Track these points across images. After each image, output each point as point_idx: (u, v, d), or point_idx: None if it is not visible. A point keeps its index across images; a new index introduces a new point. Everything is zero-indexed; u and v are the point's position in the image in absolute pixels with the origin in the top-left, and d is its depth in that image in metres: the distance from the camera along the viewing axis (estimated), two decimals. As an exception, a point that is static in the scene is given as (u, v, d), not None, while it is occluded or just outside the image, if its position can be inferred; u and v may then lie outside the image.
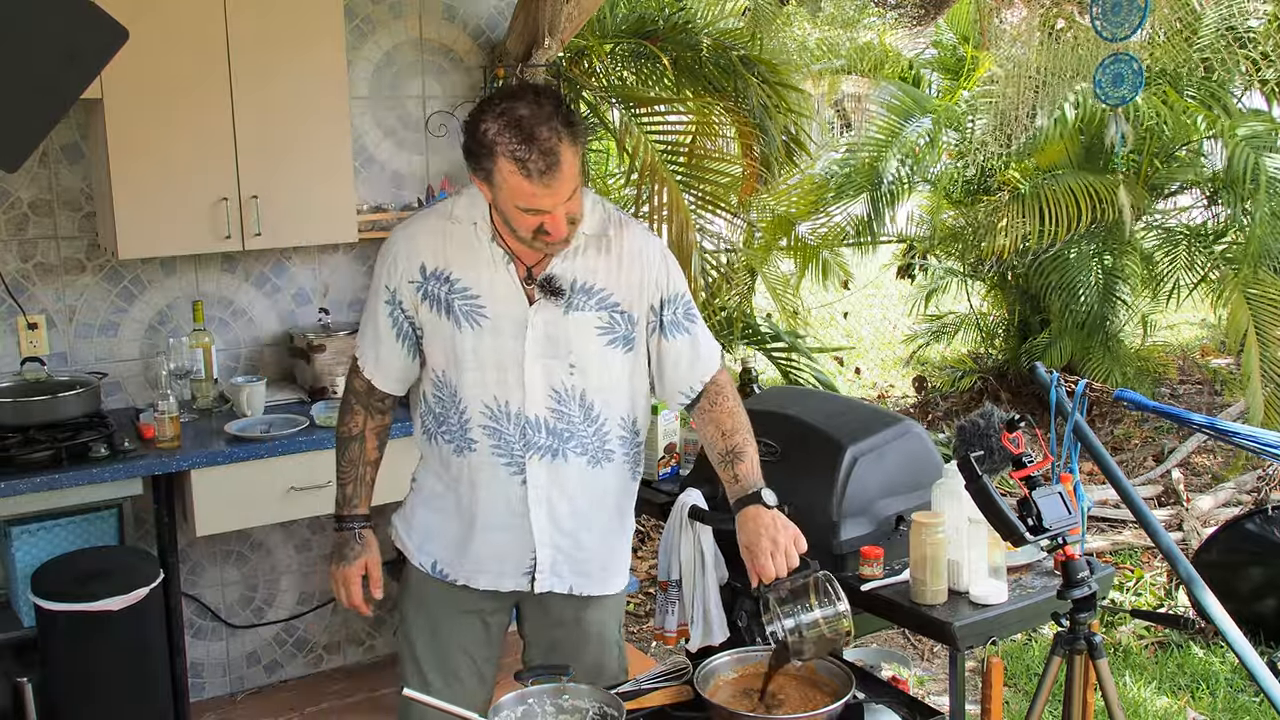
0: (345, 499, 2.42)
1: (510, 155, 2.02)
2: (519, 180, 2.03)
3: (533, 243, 2.13)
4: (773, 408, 2.82)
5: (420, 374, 2.36)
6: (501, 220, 2.15)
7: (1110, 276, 6.81)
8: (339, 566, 2.40)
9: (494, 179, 2.06)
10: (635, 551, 5.40)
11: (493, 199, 2.12)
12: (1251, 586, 4.29)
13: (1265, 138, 6.22)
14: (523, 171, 2.02)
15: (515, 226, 2.11)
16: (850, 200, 7.20)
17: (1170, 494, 5.70)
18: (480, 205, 2.21)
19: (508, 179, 2.04)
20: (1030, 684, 4.09)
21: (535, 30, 4.08)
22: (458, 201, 2.26)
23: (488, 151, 2.04)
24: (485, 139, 2.04)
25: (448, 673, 2.44)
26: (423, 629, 2.45)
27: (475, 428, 2.27)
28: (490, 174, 2.06)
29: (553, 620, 2.46)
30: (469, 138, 2.08)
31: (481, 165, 2.07)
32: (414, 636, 2.45)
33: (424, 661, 2.44)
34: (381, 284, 2.29)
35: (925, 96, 7.72)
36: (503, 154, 2.03)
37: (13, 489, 3.11)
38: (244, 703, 3.98)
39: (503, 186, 2.06)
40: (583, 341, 2.24)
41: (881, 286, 10.79)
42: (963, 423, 2.63)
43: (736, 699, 2.11)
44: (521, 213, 2.08)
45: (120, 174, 3.35)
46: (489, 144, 2.04)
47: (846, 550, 2.49)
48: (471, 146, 2.07)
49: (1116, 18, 3.22)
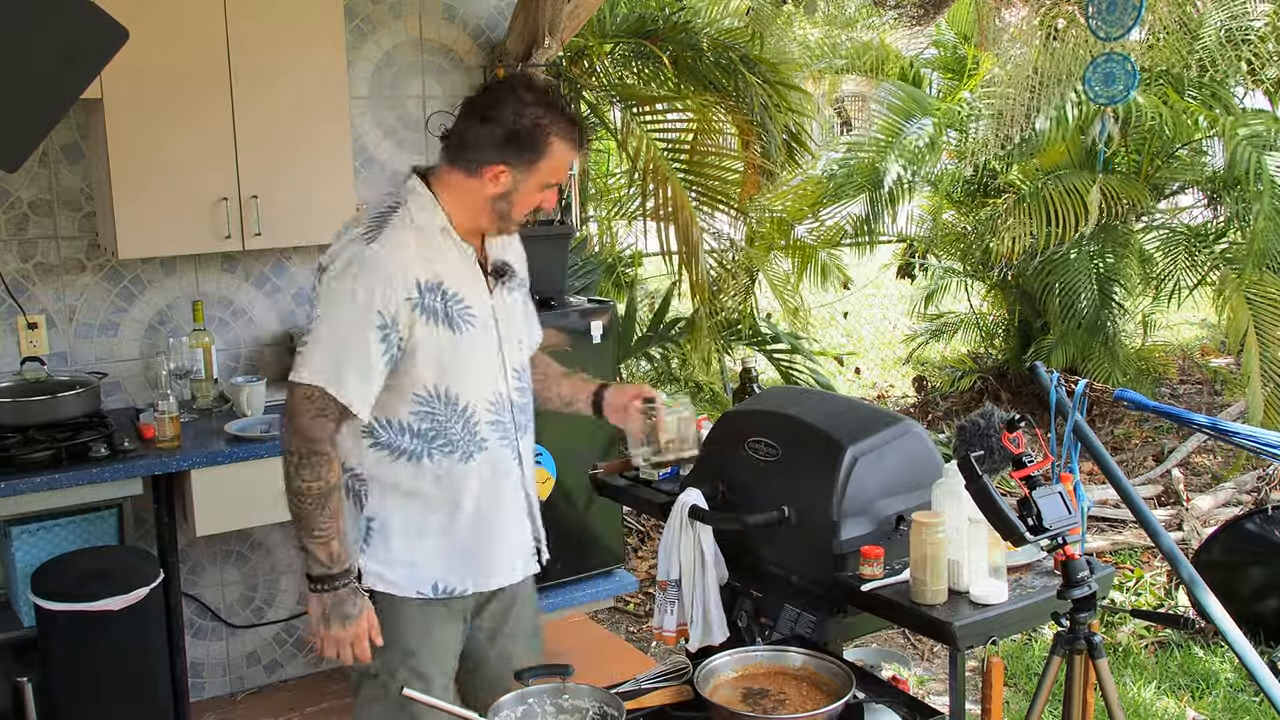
0: (333, 556, 2.18)
1: (562, 134, 2.21)
2: (567, 156, 2.25)
3: (514, 223, 2.30)
4: (773, 408, 2.82)
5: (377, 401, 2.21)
6: (500, 210, 2.25)
7: (1109, 277, 6.81)
8: (345, 627, 2.19)
9: (537, 164, 2.21)
10: (635, 551, 5.40)
11: (511, 187, 2.22)
12: (1252, 586, 4.29)
13: (1266, 137, 6.22)
14: (572, 144, 2.24)
15: (522, 207, 2.26)
16: (850, 200, 7.20)
17: (1170, 494, 5.70)
18: (434, 208, 2.24)
19: (557, 158, 2.22)
20: (1030, 684, 4.09)
21: (535, 30, 4.08)
22: (409, 211, 2.21)
23: (540, 134, 2.19)
24: (538, 124, 2.18)
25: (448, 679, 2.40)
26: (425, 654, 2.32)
27: (484, 425, 2.28)
28: (536, 160, 2.20)
29: (524, 598, 2.51)
30: (513, 130, 2.18)
31: (532, 152, 2.19)
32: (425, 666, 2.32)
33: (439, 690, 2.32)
34: (373, 310, 2.12)
35: (926, 96, 7.72)
36: (556, 134, 2.20)
37: (13, 489, 3.11)
38: (244, 703, 3.98)
39: (545, 168, 2.22)
40: (519, 319, 2.42)
41: (881, 286, 10.79)
42: (963, 423, 2.62)
43: (737, 698, 2.11)
44: (542, 189, 2.25)
45: (120, 174, 3.35)
46: (543, 127, 2.19)
47: (846, 550, 2.49)
48: (516, 138, 2.18)
49: (1112, 17, 3.22)
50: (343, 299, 2.12)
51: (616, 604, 4.78)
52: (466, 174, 2.22)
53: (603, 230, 6.41)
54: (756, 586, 2.66)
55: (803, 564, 2.60)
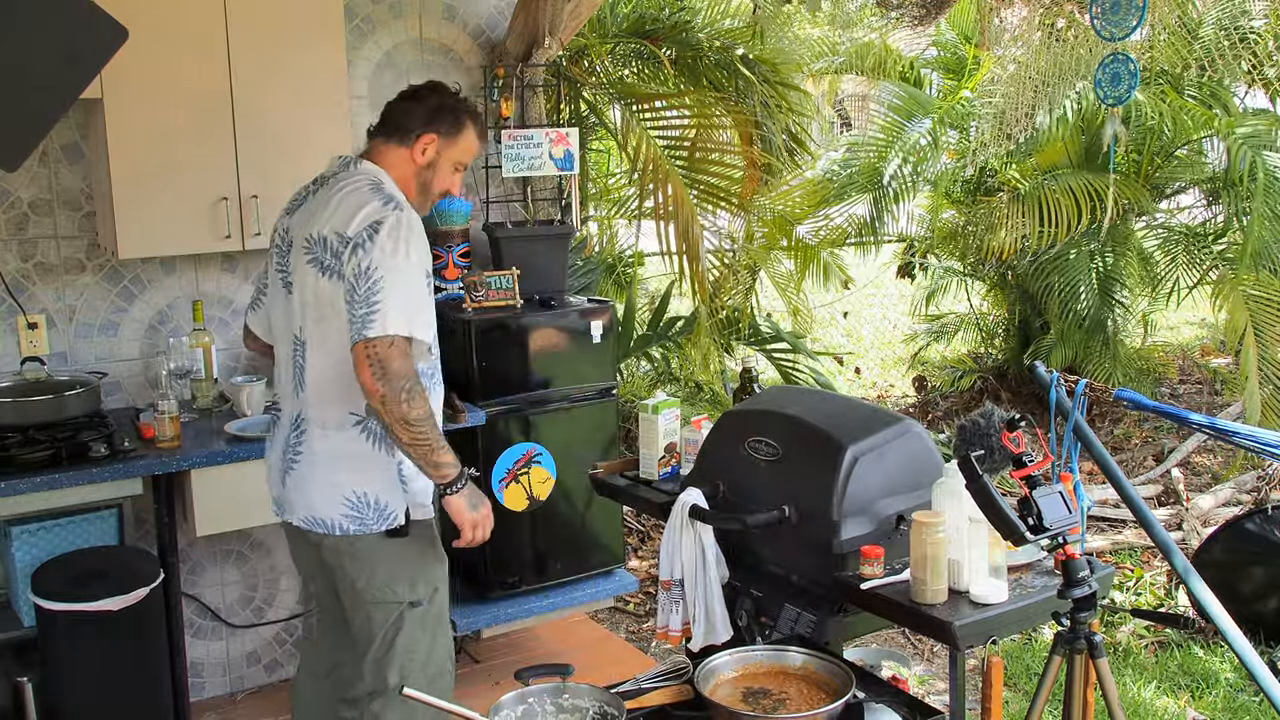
0: (453, 458, 2.51)
1: (474, 123, 2.70)
2: (475, 141, 2.70)
3: (433, 198, 2.71)
4: (773, 408, 2.82)
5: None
6: (423, 180, 2.66)
7: (1109, 277, 6.81)
8: (481, 506, 2.57)
9: (457, 138, 2.66)
10: (635, 551, 5.40)
11: (436, 158, 2.64)
12: (1252, 586, 4.29)
13: (1265, 136, 6.22)
14: (479, 132, 2.72)
15: (439, 184, 2.68)
16: (852, 201, 7.20)
17: (1170, 494, 5.70)
18: (397, 189, 2.60)
19: (469, 139, 2.68)
20: (1030, 684, 4.09)
21: (535, 30, 4.08)
22: (386, 185, 2.58)
23: (460, 113, 2.66)
24: (458, 104, 2.68)
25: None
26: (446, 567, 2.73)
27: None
28: (456, 134, 2.65)
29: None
30: (439, 105, 2.65)
31: (454, 125, 2.65)
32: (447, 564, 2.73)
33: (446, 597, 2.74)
34: (423, 267, 2.49)
35: (926, 96, 7.72)
36: (468, 118, 2.69)
37: (13, 489, 3.11)
38: (244, 702, 3.98)
39: (460, 143, 2.67)
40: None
41: (881, 286, 10.79)
42: (963, 422, 2.62)
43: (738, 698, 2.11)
44: (453, 170, 2.69)
45: (120, 174, 3.35)
46: (460, 108, 2.67)
47: (847, 550, 2.49)
48: (442, 111, 2.64)
49: (1115, 17, 3.22)
50: (399, 259, 2.43)
51: (616, 604, 4.78)
52: (400, 143, 2.63)
53: (603, 230, 6.41)
54: (756, 586, 2.66)
55: (803, 564, 2.60)
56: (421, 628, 2.63)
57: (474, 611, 3.92)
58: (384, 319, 2.39)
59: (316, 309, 2.54)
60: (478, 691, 3.83)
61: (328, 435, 2.57)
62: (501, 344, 3.89)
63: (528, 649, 4.27)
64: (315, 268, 2.52)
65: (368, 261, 2.42)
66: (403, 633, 2.62)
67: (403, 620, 2.61)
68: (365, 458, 2.55)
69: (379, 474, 2.55)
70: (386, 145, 2.65)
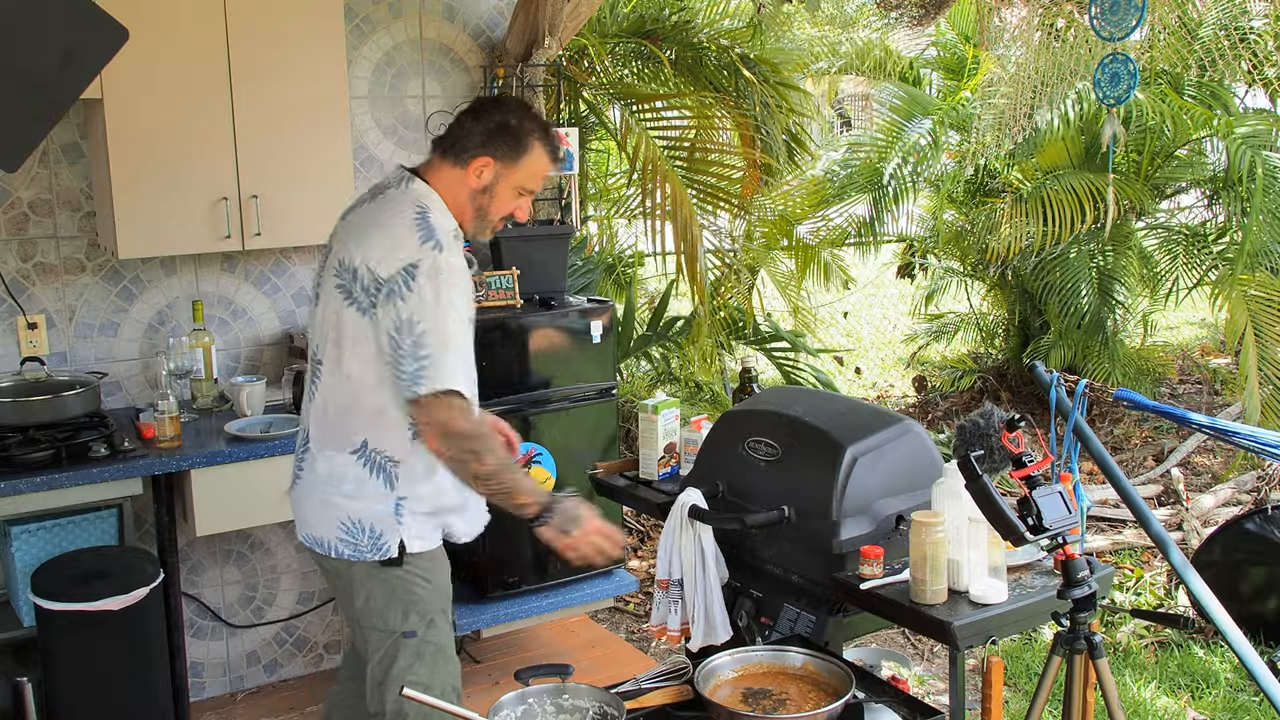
0: (536, 488, 2.43)
1: (542, 142, 2.48)
2: (544, 164, 2.51)
3: (494, 224, 2.54)
4: (773, 408, 2.82)
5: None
6: (479, 205, 2.49)
7: (1109, 277, 6.81)
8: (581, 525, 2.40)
9: (518, 160, 2.46)
10: (635, 551, 5.40)
11: (493, 181, 2.46)
12: (1252, 586, 4.29)
13: (1265, 136, 6.22)
14: (550, 155, 2.51)
15: (499, 209, 2.51)
16: (852, 201, 7.20)
17: (1170, 494, 5.70)
18: (447, 212, 2.47)
19: (535, 162, 2.49)
20: (1030, 684, 4.09)
21: (535, 30, 4.08)
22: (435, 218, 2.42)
23: (524, 134, 2.45)
24: (524, 125, 2.46)
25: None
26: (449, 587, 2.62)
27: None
28: (517, 157, 2.46)
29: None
30: (499, 125, 2.44)
31: (514, 148, 2.45)
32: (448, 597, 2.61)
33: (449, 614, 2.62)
34: (466, 315, 2.40)
35: (926, 97, 7.72)
36: (538, 139, 2.47)
37: (13, 488, 3.11)
38: (244, 703, 3.98)
39: (523, 168, 2.47)
40: None
41: (881, 286, 10.79)
42: (963, 422, 2.63)
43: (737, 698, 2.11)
44: (517, 195, 2.51)
45: (120, 174, 3.35)
46: (527, 129, 2.46)
47: (846, 550, 2.49)
48: (502, 132, 2.44)
49: (1115, 17, 3.22)
50: (443, 307, 2.33)
51: (616, 604, 4.78)
52: (454, 165, 2.47)
53: (603, 230, 6.41)
54: (756, 586, 2.67)
55: (803, 564, 2.60)
56: (418, 658, 2.51)
57: (474, 611, 3.92)
58: (436, 373, 2.31)
59: (336, 335, 2.45)
60: (478, 691, 3.84)
61: (328, 457, 2.50)
62: (501, 344, 3.90)
63: (528, 649, 4.27)
64: (342, 295, 2.42)
65: (408, 312, 2.31)
66: (397, 663, 2.52)
67: (397, 649, 2.52)
68: (362, 484, 2.47)
69: (376, 504, 2.47)
70: (443, 163, 2.49)
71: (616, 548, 2.42)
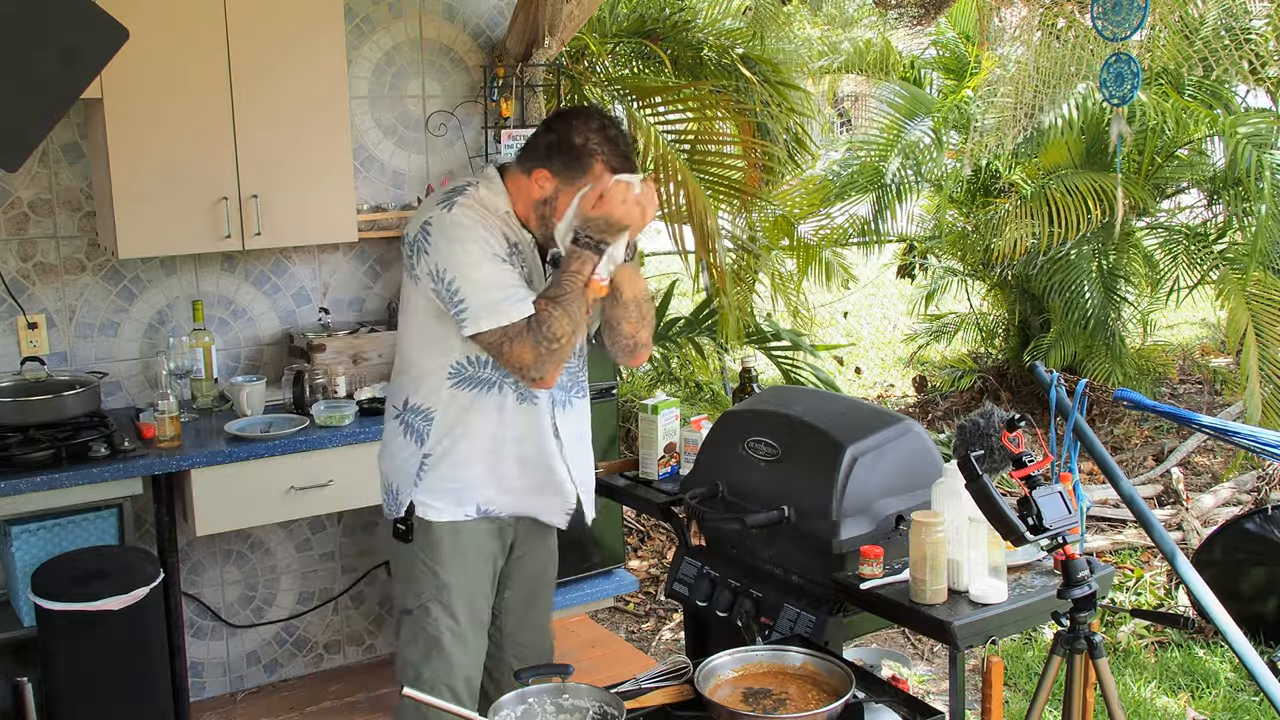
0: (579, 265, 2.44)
1: (606, 163, 2.43)
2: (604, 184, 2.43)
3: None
4: (773, 408, 2.82)
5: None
6: (541, 214, 2.48)
7: (1112, 276, 6.81)
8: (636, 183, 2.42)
9: (577, 180, 2.43)
10: (635, 551, 5.40)
11: (553, 195, 2.45)
12: (1252, 586, 4.29)
13: (1267, 135, 6.22)
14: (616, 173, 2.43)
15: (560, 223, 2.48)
16: (853, 200, 7.20)
17: (1170, 494, 5.70)
18: (502, 194, 2.50)
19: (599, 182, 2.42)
20: (1030, 684, 4.09)
21: (535, 30, 4.08)
22: (478, 194, 2.48)
23: (587, 154, 2.42)
24: (589, 144, 2.42)
25: (476, 621, 2.63)
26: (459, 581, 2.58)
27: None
28: (578, 176, 2.43)
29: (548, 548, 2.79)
30: (561, 141, 2.43)
31: (574, 166, 2.43)
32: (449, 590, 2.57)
33: (458, 611, 2.58)
34: (488, 252, 2.41)
35: (927, 96, 7.72)
36: (603, 160, 2.42)
37: (13, 488, 3.11)
38: (244, 703, 3.98)
39: (582, 187, 2.42)
40: None
41: (882, 286, 10.79)
42: (963, 422, 2.62)
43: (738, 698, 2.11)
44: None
45: (120, 174, 3.35)
46: (592, 150, 2.42)
47: (846, 549, 2.49)
48: (565, 148, 2.43)
49: (1117, 17, 3.22)
50: (458, 254, 2.40)
51: (616, 604, 4.79)
52: (521, 173, 2.50)
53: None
54: (756, 586, 2.67)
55: (803, 564, 2.60)
56: (414, 640, 2.60)
57: (474, 611, 3.92)
58: (474, 315, 2.40)
59: (399, 304, 2.63)
60: (478, 691, 3.83)
61: (385, 424, 2.68)
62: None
63: (528, 649, 4.26)
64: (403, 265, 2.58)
65: (432, 264, 2.43)
66: (400, 638, 2.66)
67: (400, 625, 2.65)
68: (399, 446, 2.59)
69: (405, 462, 2.57)
70: (514, 170, 2.54)
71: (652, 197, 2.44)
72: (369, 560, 4.21)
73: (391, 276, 4.17)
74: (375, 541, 4.21)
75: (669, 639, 4.57)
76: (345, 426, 3.57)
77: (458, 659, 2.59)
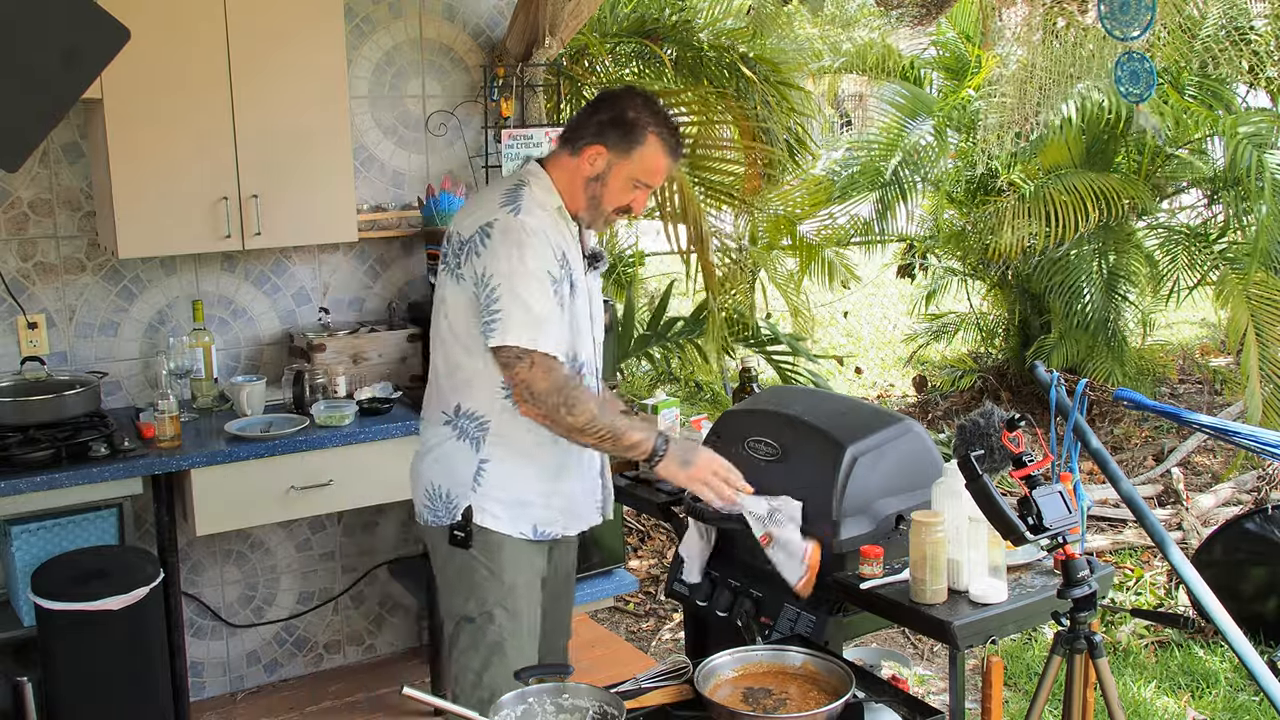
0: (646, 430, 2.45)
1: (660, 136, 2.47)
2: (659, 157, 2.49)
3: (607, 217, 2.55)
4: (773, 407, 2.82)
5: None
6: (592, 193, 2.50)
7: (1112, 276, 6.81)
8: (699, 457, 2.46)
9: (631, 152, 2.46)
10: (635, 551, 5.40)
11: (605, 170, 2.47)
12: (1252, 586, 4.29)
13: (1267, 135, 6.22)
14: (667, 149, 2.49)
15: (611, 199, 2.51)
16: (855, 200, 7.20)
17: (1170, 494, 5.70)
18: (551, 189, 2.51)
19: (650, 155, 2.47)
20: (1030, 684, 4.09)
21: (535, 29, 4.07)
22: (533, 193, 2.48)
23: (639, 127, 2.45)
24: (640, 117, 2.46)
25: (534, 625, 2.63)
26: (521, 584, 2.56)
27: (588, 379, 2.60)
28: (630, 147, 2.46)
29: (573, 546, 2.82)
30: (614, 117, 2.45)
31: (628, 138, 2.45)
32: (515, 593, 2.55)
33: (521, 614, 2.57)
34: (543, 270, 2.40)
35: (928, 96, 7.72)
36: (654, 131, 2.46)
37: (13, 488, 3.11)
38: (244, 702, 3.98)
39: (638, 160, 2.47)
40: (598, 302, 2.68)
41: (882, 286, 10.79)
42: (963, 422, 2.62)
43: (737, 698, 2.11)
44: (632, 187, 2.50)
45: (120, 174, 3.35)
46: (643, 122, 2.46)
47: (846, 549, 2.49)
48: (617, 122, 2.45)
49: (1125, 17, 3.21)
50: (514, 263, 2.37)
51: (616, 604, 4.78)
52: (570, 153, 2.50)
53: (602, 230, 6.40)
54: (756, 586, 2.66)
55: (803, 563, 2.59)
56: (474, 647, 2.55)
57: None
58: (504, 328, 2.37)
59: (438, 304, 2.56)
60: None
61: (427, 429, 2.62)
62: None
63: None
64: (442, 264, 2.53)
65: (482, 266, 2.40)
66: (457, 646, 2.59)
67: (458, 633, 2.58)
68: (451, 451, 2.54)
69: (459, 468, 2.52)
70: (562, 151, 2.54)
71: (739, 479, 2.47)
72: (369, 560, 4.21)
73: (391, 276, 4.17)
74: (375, 541, 4.21)
75: (669, 639, 4.57)
76: (345, 426, 3.57)
77: (516, 664, 2.52)
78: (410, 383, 3.93)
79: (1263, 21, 6.11)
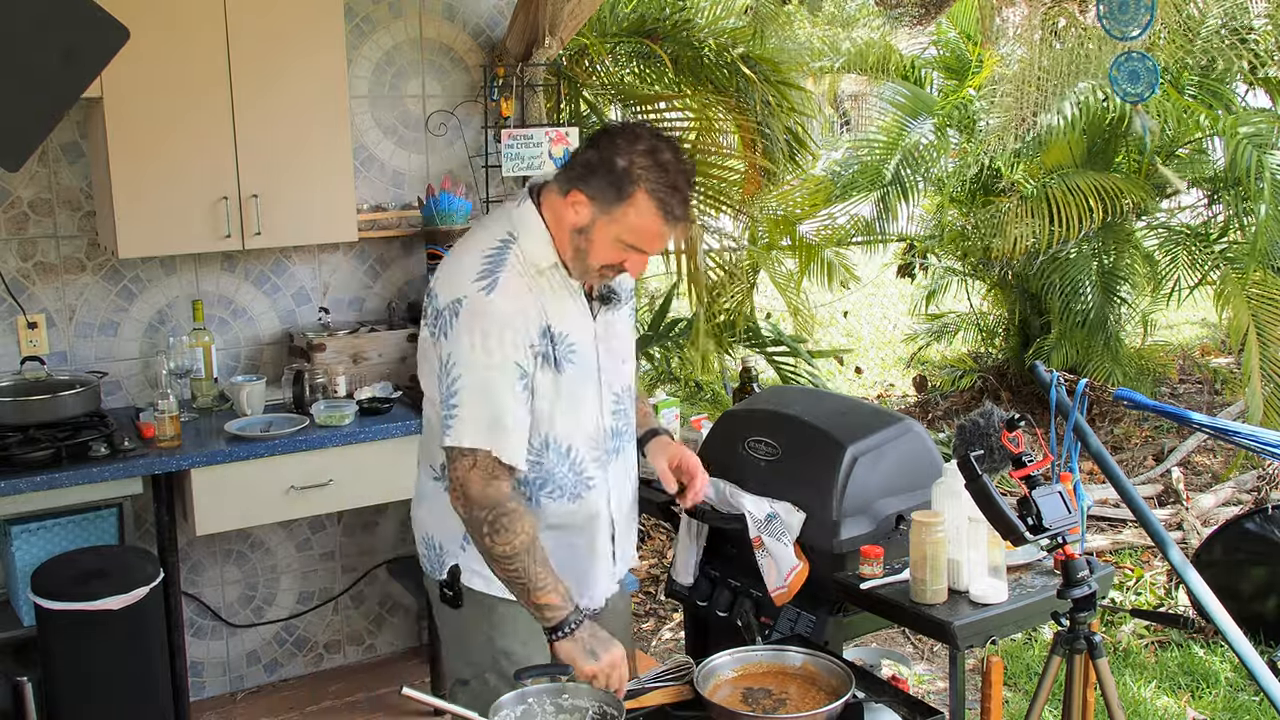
0: (563, 597, 2.08)
1: (653, 194, 2.06)
2: (653, 220, 2.08)
3: (598, 272, 2.17)
4: (773, 407, 2.82)
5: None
6: (577, 245, 2.13)
7: (1112, 276, 6.81)
8: (609, 651, 2.07)
9: (614, 209, 2.08)
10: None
11: (590, 222, 2.10)
12: (1252, 586, 4.29)
13: (1266, 135, 6.22)
14: (663, 213, 2.07)
15: (597, 256, 2.13)
16: (855, 200, 7.20)
17: (1170, 493, 5.69)
18: (546, 241, 2.16)
19: (637, 216, 2.08)
20: (1030, 684, 4.09)
21: (535, 29, 4.07)
22: (520, 253, 2.15)
23: (629, 180, 2.06)
24: (632, 170, 2.05)
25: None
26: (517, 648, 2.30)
27: (589, 464, 2.28)
28: (614, 202, 2.08)
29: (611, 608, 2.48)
30: (604, 162, 2.07)
31: (612, 193, 2.07)
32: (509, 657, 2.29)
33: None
34: (510, 362, 2.09)
35: (929, 96, 7.72)
36: (646, 189, 2.06)
37: (13, 488, 3.11)
38: (244, 702, 3.98)
39: (622, 220, 2.08)
40: (625, 335, 2.34)
41: (882, 286, 10.79)
42: (963, 422, 2.63)
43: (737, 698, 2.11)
44: (622, 247, 2.12)
45: (120, 174, 3.35)
46: (635, 175, 2.05)
47: (846, 549, 2.49)
48: (605, 170, 2.07)
49: (1124, 16, 3.21)
50: (477, 355, 2.08)
51: (616, 603, 4.77)
52: (559, 192, 2.14)
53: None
54: (756, 586, 2.66)
55: (803, 563, 2.60)
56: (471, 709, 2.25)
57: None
58: (459, 427, 2.09)
59: (422, 359, 2.28)
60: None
61: (421, 475, 2.38)
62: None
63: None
64: (424, 318, 2.23)
65: (447, 352, 2.11)
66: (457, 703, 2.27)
67: (455, 694, 2.37)
68: (443, 506, 2.24)
69: (448, 521, 2.24)
70: (554, 184, 2.17)
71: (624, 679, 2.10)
72: (369, 560, 4.21)
73: (391, 276, 4.17)
74: (375, 541, 4.21)
75: (669, 639, 4.57)
76: (345, 426, 3.57)
77: None
78: (410, 382, 3.93)
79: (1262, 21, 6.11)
